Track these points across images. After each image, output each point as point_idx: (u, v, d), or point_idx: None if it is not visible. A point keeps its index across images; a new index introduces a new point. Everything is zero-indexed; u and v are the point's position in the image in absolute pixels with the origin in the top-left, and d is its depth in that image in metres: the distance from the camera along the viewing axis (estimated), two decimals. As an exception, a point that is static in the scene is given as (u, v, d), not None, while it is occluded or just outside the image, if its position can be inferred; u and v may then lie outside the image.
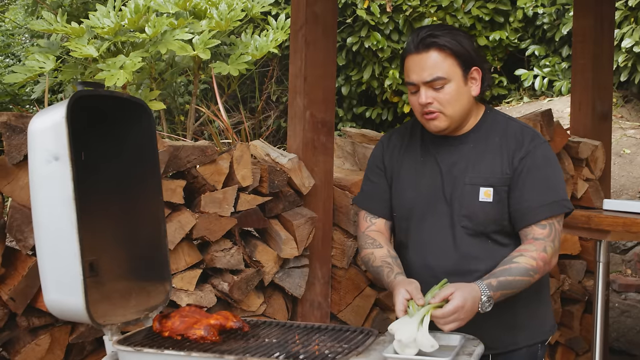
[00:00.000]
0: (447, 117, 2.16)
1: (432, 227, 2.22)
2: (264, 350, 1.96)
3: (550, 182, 2.16)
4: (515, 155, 2.16)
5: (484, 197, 2.15)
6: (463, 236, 2.18)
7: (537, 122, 3.46)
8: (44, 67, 5.26)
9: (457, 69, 2.14)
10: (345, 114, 7.44)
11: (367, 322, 3.16)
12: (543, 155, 2.17)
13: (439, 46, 2.12)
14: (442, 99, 2.14)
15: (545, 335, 2.30)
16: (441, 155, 2.24)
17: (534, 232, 2.12)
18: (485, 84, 2.21)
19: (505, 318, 2.20)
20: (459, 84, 2.15)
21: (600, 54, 3.72)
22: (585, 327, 3.63)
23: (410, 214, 2.26)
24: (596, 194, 3.64)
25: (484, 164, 2.18)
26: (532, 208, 2.12)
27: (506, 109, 7.10)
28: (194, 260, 2.73)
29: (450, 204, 2.19)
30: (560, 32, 6.99)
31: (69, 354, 2.54)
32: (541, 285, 2.27)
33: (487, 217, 2.16)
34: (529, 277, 2.06)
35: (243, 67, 5.50)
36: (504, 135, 2.21)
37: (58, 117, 1.85)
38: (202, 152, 2.74)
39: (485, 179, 2.16)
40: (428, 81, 2.13)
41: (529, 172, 2.14)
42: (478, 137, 2.22)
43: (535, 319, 2.28)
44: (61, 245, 1.87)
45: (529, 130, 2.23)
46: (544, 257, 2.08)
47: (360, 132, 3.66)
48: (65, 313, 1.98)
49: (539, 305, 2.30)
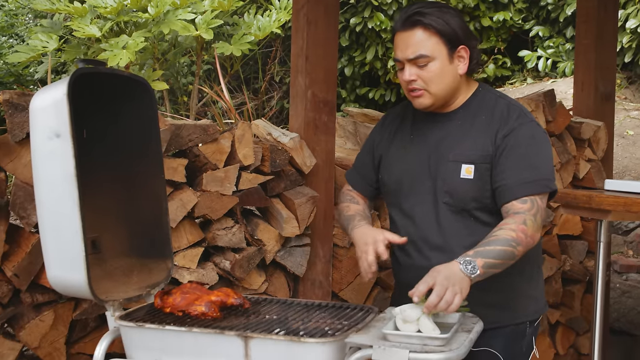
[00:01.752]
0: (431, 94, 2.20)
1: (417, 203, 2.25)
2: (265, 326, 1.98)
3: (532, 160, 2.16)
4: (498, 133, 2.18)
5: (464, 174, 2.17)
6: (446, 212, 2.20)
7: (539, 102, 3.46)
8: (47, 46, 5.26)
9: (442, 47, 2.16)
10: (348, 95, 7.43)
11: (368, 300, 3.18)
12: (528, 133, 2.17)
13: (424, 24, 2.15)
14: (426, 76, 2.18)
15: (533, 315, 2.31)
16: (430, 132, 2.27)
17: (514, 207, 2.12)
18: (473, 62, 2.23)
19: (488, 296, 2.19)
20: (443, 63, 2.17)
21: (604, 35, 3.70)
22: (586, 307, 3.65)
23: (397, 189, 2.31)
24: (598, 175, 3.64)
25: (468, 141, 2.20)
26: (511, 185, 2.13)
27: (510, 90, 7.08)
28: (195, 239, 2.74)
29: (434, 180, 2.22)
30: (564, 12, 6.96)
31: (73, 330, 2.56)
32: (527, 265, 2.28)
33: (467, 194, 2.18)
34: (512, 248, 2.06)
35: (246, 47, 5.49)
36: (491, 112, 2.22)
37: (59, 94, 1.86)
38: (204, 130, 2.74)
39: (467, 156, 2.18)
40: (411, 58, 2.17)
41: (512, 149, 2.15)
42: (466, 114, 2.25)
43: (521, 299, 2.28)
44: (63, 222, 1.89)
45: (516, 107, 2.23)
46: (523, 229, 2.08)
47: (362, 111, 3.66)
48: (67, 289, 2.00)
49: (526, 284, 2.30)
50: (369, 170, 2.43)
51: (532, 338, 2.30)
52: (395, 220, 2.35)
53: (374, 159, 2.41)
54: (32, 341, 2.45)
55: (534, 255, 2.32)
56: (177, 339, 1.93)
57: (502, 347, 2.23)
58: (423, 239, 2.20)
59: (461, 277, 1.96)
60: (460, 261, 1.98)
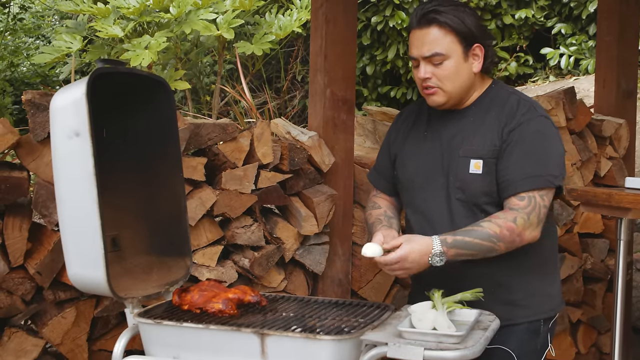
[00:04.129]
0: (445, 92, 2.20)
1: (431, 199, 2.27)
2: (281, 323, 2.00)
3: (538, 155, 2.15)
4: (505, 127, 2.18)
5: (473, 169, 2.19)
6: (458, 208, 2.21)
7: (559, 100, 3.44)
8: (71, 47, 5.32)
9: (457, 46, 2.17)
10: (370, 94, 7.43)
11: (388, 299, 3.18)
12: (536, 128, 2.17)
13: (440, 23, 2.16)
14: (441, 74, 2.18)
15: (548, 313, 2.30)
16: (443, 128, 2.28)
17: (512, 203, 2.13)
18: (488, 60, 2.24)
19: (501, 293, 2.22)
20: (458, 61, 2.18)
21: (626, 31, 3.66)
22: (608, 305, 3.61)
23: (411, 185, 2.33)
24: (620, 173, 3.61)
25: (478, 136, 2.21)
26: (513, 180, 2.14)
27: (532, 87, 7.03)
28: (215, 237, 2.76)
29: (446, 177, 2.24)
30: (587, 9, 6.89)
31: (94, 327, 2.60)
32: (542, 262, 2.28)
33: (477, 189, 2.18)
34: (491, 243, 2.08)
35: (267, 46, 5.51)
36: (501, 108, 2.22)
37: (78, 93, 1.88)
38: (223, 129, 2.76)
39: (475, 151, 2.20)
40: (427, 56, 2.18)
41: (517, 144, 2.15)
42: (478, 110, 2.25)
43: (535, 296, 2.28)
44: (83, 220, 1.92)
45: (527, 103, 2.23)
46: (510, 226, 2.08)
47: (381, 110, 3.66)
48: (87, 286, 2.03)
49: (540, 282, 2.29)
50: (388, 168, 2.44)
51: (547, 336, 2.29)
52: (409, 216, 2.36)
53: (391, 157, 2.42)
54: (54, 338, 2.49)
55: (549, 252, 2.32)
56: (195, 336, 1.96)
57: (516, 344, 2.23)
58: (435, 235, 2.21)
59: (423, 265, 2.07)
60: (434, 249, 2.05)
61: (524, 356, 2.23)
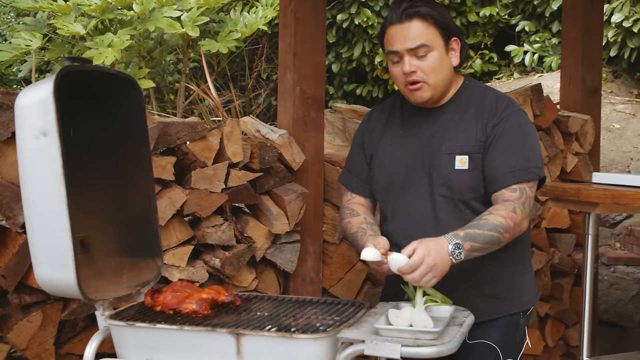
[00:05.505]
0: (430, 86, 2.19)
1: (413, 197, 2.25)
2: (256, 323, 1.98)
3: (520, 148, 2.17)
4: (489, 122, 2.19)
5: (459, 165, 2.18)
6: (443, 205, 2.20)
7: (527, 97, 3.47)
8: (31, 45, 5.22)
9: (439, 39, 2.18)
10: (335, 92, 7.42)
11: (359, 296, 3.18)
12: (516, 122, 2.19)
13: (422, 15, 2.16)
14: (426, 67, 2.17)
15: (526, 305, 2.32)
16: (421, 127, 2.27)
17: (504, 195, 2.14)
18: (463, 55, 2.25)
19: (485, 287, 2.23)
20: (441, 53, 2.19)
21: (590, 29, 3.71)
22: (575, 299, 3.66)
23: (390, 185, 2.30)
24: (586, 168, 3.66)
25: (460, 133, 2.21)
26: (501, 173, 2.15)
27: (497, 85, 7.10)
28: (185, 237, 2.73)
29: (429, 174, 2.22)
30: (550, 7, 6.98)
31: (62, 330, 2.55)
32: (521, 256, 2.31)
33: (463, 185, 2.19)
34: (498, 234, 2.07)
35: (232, 44, 5.47)
36: (480, 104, 2.24)
37: (45, 92, 1.83)
38: (192, 128, 2.73)
39: (460, 147, 2.19)
40: (412, 48, 2.16)
41: (500, 138, 2.17)
42: (456, 107, 2.26)
43: (516, 290, 2.29)
44: (51, 221, 1.87)
45: (504, 98, 2.25)
46: (513, 217, 2.09)
47: (350, 107, 3.66)
48: (56, 289, 1.98)
49: (520, 275, 2.32)
50: (363, 168, 2.39)
51: (524, 328, 2.31)
52: (388, 217, 2.33)
53: (366, 157, 2.38)
54: (20, 342, 2.43)
55: (526, 245, 2.34)
56: (169, 337, 1.92)
57: (498, 338, 2.24)
58: (420, 234, 2.19)
59: (447, 262, 1.98)
60: (451, 243, 2.00)
61: (505, 349, 2.25)
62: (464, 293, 2.13)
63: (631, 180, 2.83)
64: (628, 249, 4.76)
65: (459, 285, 2.12)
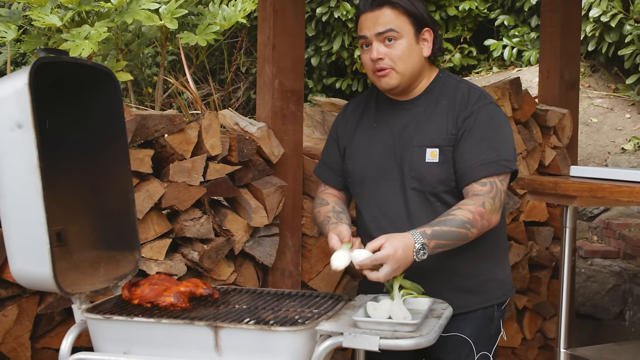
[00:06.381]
0: (398, 73, 2.20)
1: (385, 190, 2.26)
2: (235, 316, 1.97)
3: (491, 141, 2.18)
4: (460, 115, 2.20)
5: (430, 158, 2.19)
6: (414, 198, 2.21)
7: (505, 90, 3.48)
8: (5, 36, 5.14)
9: (409, 27, 2.20)
10: (315, 85, 7.42)
11: (338, 289, 3.18)
12: (487, 115, 2.20)
13: (392, 4, 2.19)
14: (394, 54, 2.18)
15: (501, 298, 2.33)
16: (393, 119, 2.28)
17: (474, 189, 2.15)
18: (436, 47, 2.26)
19: (458, 281, 2.25)
20: (410, 42, 2.20)
21: (569, 23, 3.73)
22: (552, 292, 3.69)
23: (362, 178, 2.31)
24: (563, 162, 3.68)
25: (432, 125, 2.22)
26: (471, 167, 2.15)
27: (475, 79, 7.13)
28: (163, 230, 2.71)
29: (400, 167, 2.23)
30: (529, 2, 7.02)
31: (38, 324, 2.52)
32: (495, 249, 2.32)
33: (434, 178, 2.19)
34: (465, 230, 2.08)
35: (211, 37, 5.43)
36: (452, 96, 2.24)
37: (20, 83, 1.81)
38: (170, 121, 2.71)
39: (431, 140, 2.20)
40: (380, 32, 2.18)
41: (471, 131, 2.18)
42: (428, 100, 2.26)
43: (490, 283, 2.31)
44: (27, 214, 1.85)
45: (476, 91, 2.26)
46: (481, 211, 2.10)
47: (329, 100, 3.65)
48: (32, 282, 1.96)
49: (494, 268, 2.33)
50: (337, 161, 2.41)
51: (499, 321, 2.32)
52: (362, 210, 2.34)
53: (340, 150, 2.40)
54: (-4, 337, 2.40)
55: (501, 239, 2.35)
56: (146, 330, 1.91)
57: (472, 331, 2.25)
58: (392, 227, 2.20)
59: (409, 261, 2.01)
60: (417, 243, 2.01)
61: (479, 342, 2.26)
62: (435, 286, 2.14)
63: (608, 174, 2.86)
64: (605, 242, 4.81)
65: (429, 279, 2.13)
